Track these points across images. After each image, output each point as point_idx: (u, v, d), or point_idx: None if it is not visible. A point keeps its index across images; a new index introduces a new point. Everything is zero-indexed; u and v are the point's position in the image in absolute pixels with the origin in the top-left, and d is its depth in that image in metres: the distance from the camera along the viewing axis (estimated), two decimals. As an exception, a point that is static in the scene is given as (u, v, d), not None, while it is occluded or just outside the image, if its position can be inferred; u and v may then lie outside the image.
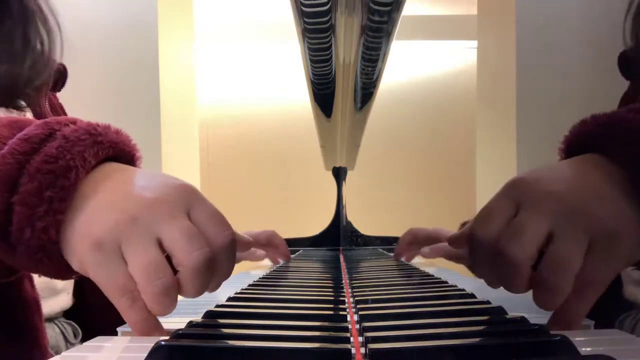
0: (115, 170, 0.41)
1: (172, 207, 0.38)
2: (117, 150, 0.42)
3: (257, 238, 0.95)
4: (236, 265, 0.89)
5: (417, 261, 1.06)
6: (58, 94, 0.85)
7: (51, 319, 0.74)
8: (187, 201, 0.39)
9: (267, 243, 1.00)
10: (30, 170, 0.37)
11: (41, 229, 0.36)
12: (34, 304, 0.61)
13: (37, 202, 0.36)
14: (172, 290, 0.38)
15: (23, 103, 0.73)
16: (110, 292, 0.38)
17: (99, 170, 0.40)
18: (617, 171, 0.37)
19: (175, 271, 0.38)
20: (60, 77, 0.81)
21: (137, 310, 0.38)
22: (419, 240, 1.00)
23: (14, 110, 0.73)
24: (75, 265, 0.39)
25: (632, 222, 0.36)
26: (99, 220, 0.37)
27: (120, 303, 0.38)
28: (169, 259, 0.38)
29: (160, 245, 0.37)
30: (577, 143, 0.42)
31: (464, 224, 0.96)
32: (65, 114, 0.85)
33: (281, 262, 1.02)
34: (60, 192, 0.37)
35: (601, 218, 0.35)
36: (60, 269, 0.39)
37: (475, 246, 0.41)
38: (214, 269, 0.39)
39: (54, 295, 0.74)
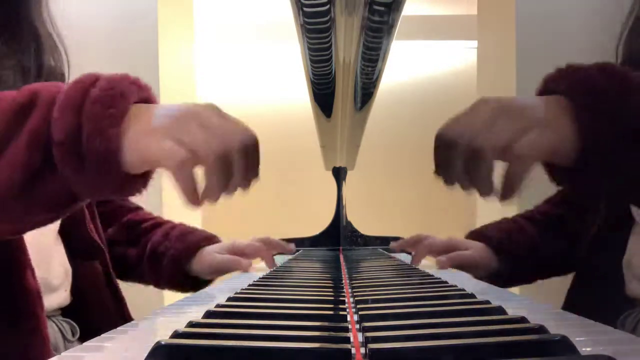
0: (149, 105, 0.52)
1: (198, 115, 0.51)
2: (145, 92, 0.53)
3: (241, 250, 0.92)
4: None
5: (427, 265, 1.06)
6: None
7: (49, 317, 0.74)
8: (210, 109, 0.54)
9: (254, 255, 0.98)
10: (91, 97, 0.47)
11: (107, 138, 0.46)
12: (36, 294, 0.63)
13: (102, 117, 0.47)
14: None
15: None
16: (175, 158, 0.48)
17: (136, 105, 0.50)
18: (566, 102, 0.47)
19: None
20: None
21: (184, 175, 0.50)
22: (434, 254, 0.96)
23: None
24: (136, 158, 0.48)
25: (561, 127, 0.47)
26: (156, 124, 0.49)
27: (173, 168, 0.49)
28: None
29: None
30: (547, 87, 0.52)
31: (472, 234, 0.96)
32: None
33: (276, 264, 1.00)
34: (118, 110, 0.47)
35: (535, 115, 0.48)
36: (119, 178, 0.48)
37: (446, 144, 0.51)
38: (232, 165, 0.51)
39: (51, 292, 0.74)
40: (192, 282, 0.89)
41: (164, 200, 1.67)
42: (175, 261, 0.88)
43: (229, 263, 0.88)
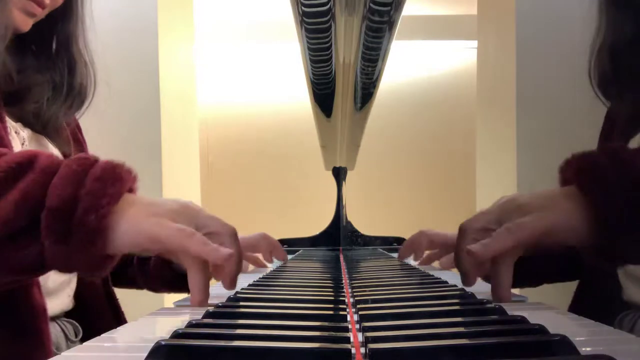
0: (139, 196, 0.55)
1: (196, 209, 0.56)
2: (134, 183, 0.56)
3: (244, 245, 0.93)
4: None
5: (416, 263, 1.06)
6: None
7: (52, 318, 0.75)
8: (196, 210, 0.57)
9: (254, 249, 0.98)
10: (94, 174, 0.50)
11: (102, 215, 0.48)
12: (41, 310, 0.63)
13: (101, 195, 0.49)
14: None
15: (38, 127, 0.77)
16: (175, 235, 0.51)
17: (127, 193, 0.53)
18: (580, 196, 0.50)
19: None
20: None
21: (198, 240, 0.51)
22: (435, 246, 0.95)
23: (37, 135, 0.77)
24: (131, 238, 0.50)
25: (560, 212, 0.50)
26: (154, 210, 0.52)
27: (187, 241, 0.51)
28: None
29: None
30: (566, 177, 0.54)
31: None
32: (81, 133, 0.88)
33: (269, 266, 1.00)
34: (117, 191, 0.50)
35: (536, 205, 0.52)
36: (98, 257, 0.50)
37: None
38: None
39: (49, 296, 0.74)
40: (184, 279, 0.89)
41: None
42: (160, 258, 0.87)
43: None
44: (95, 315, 0.81)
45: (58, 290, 0.76)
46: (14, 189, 0.48)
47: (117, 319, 0.84)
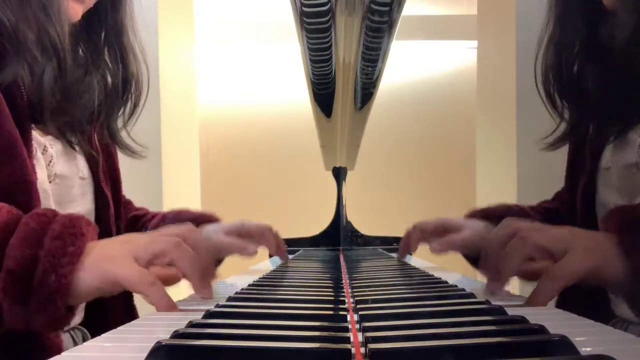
0: (99, 241, 0.55)
1: (139, 239, 0.55)
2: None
3: (249, 231, 0.88)
4: (234, 266, 0.88)
5: (426, 265, 1.06)
6: None
7: None
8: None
9: (259, 238, 0.95)
10: (53, 233, 0.49)
11: (62, 275, 0.48)
12: (56, 350, 0.61)
13: (61, 254, 0.48)
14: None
15: (74, 139, 0.73)
16: (139, 283, 0.50)
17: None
18: (616, 246, 0.51)
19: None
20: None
21: (158, 290, 0.51)
22: (426, 235, 0.93)
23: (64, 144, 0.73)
24: (86, 292, 0.50)
25: (610, 255, 0.51)
26: (113, 251, 0.52)
27: (147, 288, 0.51)
28: None
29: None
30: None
31: (472, 214, 0.94)
32: (115, 147, 0.84)
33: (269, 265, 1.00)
34: (78, 248, 0.49)
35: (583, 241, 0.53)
36: (58, 314, 0.49)
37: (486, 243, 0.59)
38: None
39: None
40: None
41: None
42: None
43: (234, 247, 0.84)
44: (111, 324, 0.80)
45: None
46: None
47: None
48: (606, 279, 0.52)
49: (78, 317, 0.78)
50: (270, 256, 1.23)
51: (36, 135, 0.66)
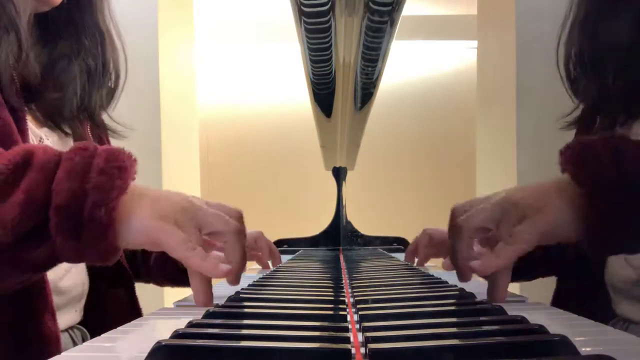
0: (146, 187, 0.54)
1: (200, 208, 0.54)
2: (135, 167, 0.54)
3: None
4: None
5: (426, 265, 1.06)
6: None
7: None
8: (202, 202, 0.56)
9: (252, 246, 0.97)
10: (98, 167, 0.49)
11: (111, 209, 0.48)
12: (54, 339, 0.61)
13: (109, 188, 0.48)
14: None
15: (68, 130, 0.75)
16: (178, 246, 0.51)
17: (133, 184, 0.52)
18: (574, 187, 0.50)
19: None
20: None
21: (198, 256, 0.51)
22: (435, 243, 0.95)
23: (59, 131, 0.74)
24: (133, 239, 0.50)
25: (555, 212, 0.50)
26: (162, 204, 0.51)
27: (186, 253, 0.51)
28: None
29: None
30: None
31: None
32: (107, 135, 0.85)
33: (271, 266, 1.00)
34: (123, 182, 0.49)
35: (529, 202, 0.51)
36: (110, 249, 0.49)
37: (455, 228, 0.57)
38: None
39: (62, 312, 0.73)
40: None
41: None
42: (160, 254, 0.87)
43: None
44: (114, 322, 0.80)
45: (66, 306, 0.75)
46: (16, 190, 0.47)
47: None
48: (563, 234, 0.50)
49: (77, 316, 0.78)
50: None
51: (32, 127, 0.68)
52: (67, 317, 0.74)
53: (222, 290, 0.64)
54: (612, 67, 0.69)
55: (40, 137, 0.69)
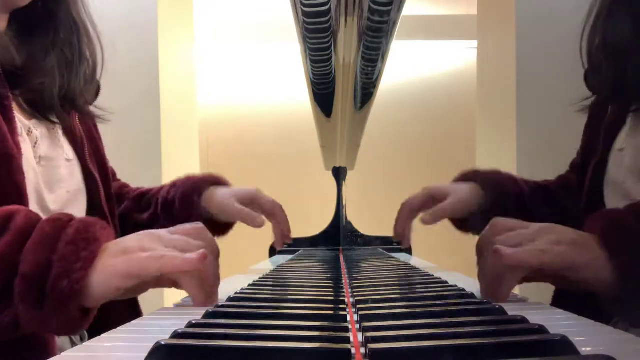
0: (115, 240, 0.55)
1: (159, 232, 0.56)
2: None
3: (261, 203, 0.92)
4: (234, 266, 0.89)
5: (426, 265, 1.06)
6: None
7: None
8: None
9: (269, 213, 0.95)
10: (66, 238, 0.49)
11: (75, 280, 0.48)
12: (51, 348, 0.62)
13: (74, 260, 0.48)
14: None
15: (55, 118, 0.76)
16: (147, 263, 0.50)
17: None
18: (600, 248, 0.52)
19: None
20: (96, 91, 0.87)
21: (168, 259, 0.51)
22: (416, 210, 0.96)
23: (47, 124, 0.76)
24: (103, 293, 0.50)
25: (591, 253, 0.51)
26: (118, 249, 0.51)
27: (157, 264, 0.50)
28: None
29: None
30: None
31: (463, 176, 0.94)
32: (96, 127, 0.87)
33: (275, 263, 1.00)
34: (91, 253, 0.49)
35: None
36: (72, 317, 0.49)
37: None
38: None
39: None
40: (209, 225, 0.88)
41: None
42: (185, 199, 0.88)
43: (245, 216, 0.88)
44: (114, 322, 0.80)
45: None
46: None
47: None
48: (589, 279, 0.51)
49: None
50: (271, 254, 1.23)
51: (21, 118, 0.70)
52: None
53: (222, 290, 0.64)
54: (634, 58, 0.70)
55: (29, 127, 0.71)
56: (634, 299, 0.50)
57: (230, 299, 0.50)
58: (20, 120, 0.69)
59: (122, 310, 0.81)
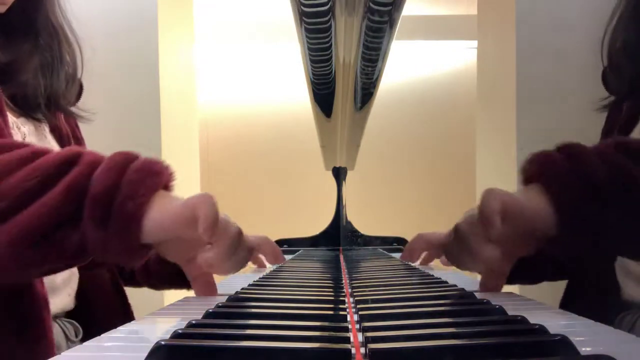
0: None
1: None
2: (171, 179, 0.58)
3: (246, 244, 0.94)
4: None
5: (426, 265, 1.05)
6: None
7: (53, 318, 0.75)
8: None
9: (257, 249, 0.98)
10: (135, 166, 0.53)
11: (139, 204, 0.51)
12: (43, 300, 0.64)
13: (140, 185, 0.52)
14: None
15: (41, 116, 0.80)
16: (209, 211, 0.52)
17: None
18: (543, 194, 0.53)
19: None
20: (79, 92, 0.90)
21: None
22: (434, 247, 0.95)
23: (34, 122, 0.79)
24: (161, 229, 0.52)
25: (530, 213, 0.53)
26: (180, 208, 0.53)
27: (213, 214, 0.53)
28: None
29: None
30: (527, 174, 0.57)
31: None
32: (79, 131, 0.90)
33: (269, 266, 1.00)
34: (154, 183, 0.53)
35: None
36: (132, 244, 0.52)
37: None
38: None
39: (54, 293, 0.74)
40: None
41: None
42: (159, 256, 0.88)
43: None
44: (102, 312, 0.82)
45: (59, 289, 0.76)
46: (60, 182, 0.51)
47: (125, 315, 0.84)
48: (537, 223, 0.52)
49: (70, 302, 0.79)
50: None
51: (10, 115, 0.72)
52: (60, 299, 0.76)
53: (222, 290, 0.64)
54: None
55: (17, 124, 0.74)
56: (574, 241, 0.51)
57: (230, 299, 0.50)
58: (10, 117, 0.72)
59: (114, 309, 0.83)
